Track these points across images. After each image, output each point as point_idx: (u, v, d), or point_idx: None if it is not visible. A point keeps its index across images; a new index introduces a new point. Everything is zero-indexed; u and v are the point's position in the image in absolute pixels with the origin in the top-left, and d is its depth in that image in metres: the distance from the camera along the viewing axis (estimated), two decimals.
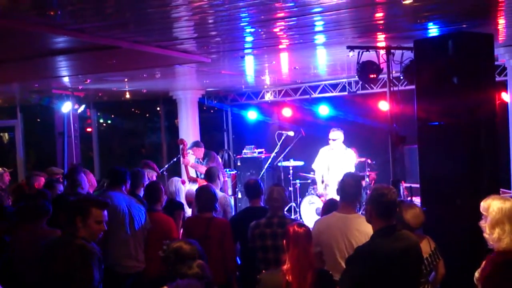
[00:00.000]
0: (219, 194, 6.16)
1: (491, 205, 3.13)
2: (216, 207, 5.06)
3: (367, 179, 9.40)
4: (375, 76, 6.36)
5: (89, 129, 13.75)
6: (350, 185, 4.20)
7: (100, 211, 3.71)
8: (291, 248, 3.53)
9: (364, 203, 8.69)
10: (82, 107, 11.51)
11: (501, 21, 5.97)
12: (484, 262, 3.09)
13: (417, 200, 6.57)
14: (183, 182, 6.51)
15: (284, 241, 3.58)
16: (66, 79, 9.06)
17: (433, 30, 6.15)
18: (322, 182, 8.55)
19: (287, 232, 3.57)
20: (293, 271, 3.48)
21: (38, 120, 13.35)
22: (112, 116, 14.79)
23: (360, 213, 4.43)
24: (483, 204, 3.20)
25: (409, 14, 5.37)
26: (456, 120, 5.24)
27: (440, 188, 5.35)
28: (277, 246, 4.35)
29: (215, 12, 4.89)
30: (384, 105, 9.41)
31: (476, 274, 3.12)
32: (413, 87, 5.93)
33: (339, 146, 8.31)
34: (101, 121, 14.63)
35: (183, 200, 6.41)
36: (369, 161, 9.58)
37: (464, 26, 6.00)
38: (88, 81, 9.21)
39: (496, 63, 7.41)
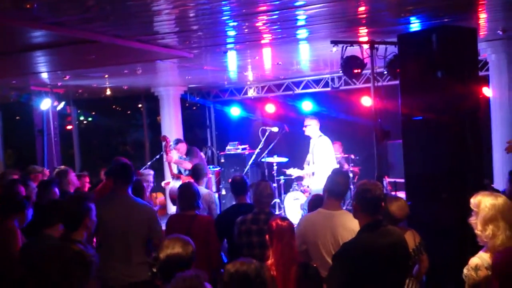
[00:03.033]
0: (204, 191, 6.09)
1: (482, 201, 3.10)
2: (199, 204, 4.98)
3: (350, 174, 9.40)
4: (359, 71, 6.33)
5: (69, 127, 13.55)
6: (338, 182, 4.15)
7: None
8: (275, 242, 3.50)
9: (349, 199, 8.76)
10: (62, 104, 11.34)
11: (483, 15, 5.99)
12: (492, 259, 3.00)
13: (401, 194, 6.56)
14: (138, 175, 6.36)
15: (267, 236, 3.54)
16: (44, 75, 8.89)
17: (417, 25, 6.15)
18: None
19: (270, 227, 3.55)
20: (277, 266, 3.45)
21: (17, 117, 13.12)
22: (93, 113, 14.60)
23: (344, 208, 4.39)
24: (473, 201, 3.17)
25: (392, 8, 5.36)
26: (440, 114, 5.22)
27: (424, 182, 5.33)
28: (263, 242, 4.27)
29: (196, 5, 4.82)
30: (367, 101, 9.43)
31: (465, 271, 3.09)
32: (396, 82, 5.92)
33: (312, 133, 8.19)
34: (82, 118, 14.43)
35: None
36: (352, 156, 9.58)
37: (447, 20, 6.01)
38: (67, 77, 9.03)
39: (478, 57, 7.44)
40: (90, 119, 14.82)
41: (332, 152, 8.16)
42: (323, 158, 7.93)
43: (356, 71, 6.27)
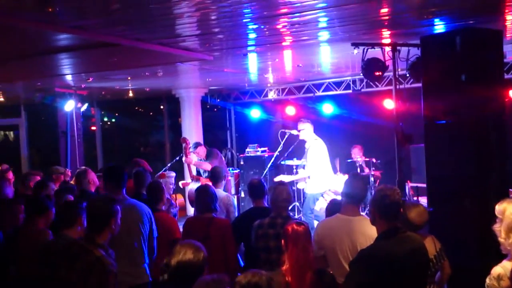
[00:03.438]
0: (222, 193, 6.08)
1: (508, 208, 3.03)
2: (216, 207, 4.97)
3: (372, 179, 9.30)
4: (380, 73, 6.24)
5: (93, 128, 13.71)
6: (356, 187, 4.07)
7: None
8: (290, 247, 3.45)
9: (368, 204, 8.63)
10: (85, 106, 11.48)
11: (509, 17, 5.85)
12: None
13: (423, 200, 6.45)
14: (162, 176, 6.36)
15: (283, 241, 3.49)
16: (69, 77, 9.01)
17: (440, 27, 6.04)
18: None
19: (286, 232, 3.50)
20: (292, 272, 3.40)
21: (42, 118, 13.33)
22: (116, 114, 14.75)
23: (364, 214, 4.32)
24: (498, 208, 3.10)
25: (415, 9, 5.27)
26: (464, 118, 5.11)
27: (447, 188, 5.22)
28: (280, 247, 4.24)
29: (217, 8, 4.81)
30: (389, 103, 9.31)
31: (487, 281, 3.00)
32: (419, 85, 5.82)
33: (307, 137, 8.31)
34: (105, 119, 14.59)
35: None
36: (374, 160, 9.46)
37: (472, 22, 5.89)
38: (91, 79, 9.15)
39: (504, 60, 7.28)
40: (113, 120, 14.98)
41: (326, 155, 8.27)
42: (316, 162, 8.07)
43: (377, 73, 6.19)
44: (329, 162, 8.34)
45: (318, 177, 8.27)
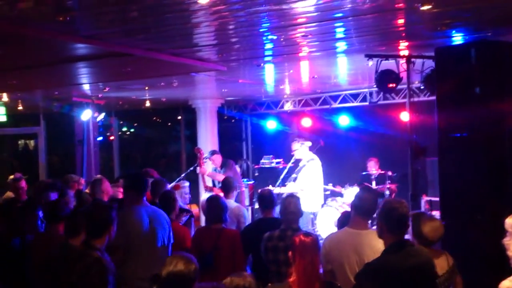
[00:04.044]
0: (233, 204, 6.07)
1: None
2: (226, 218, 4.96)
3: (387, 192, 9.19)
4: (394, 85, 6.19)
5: (112, 137, 13.84)
6: (367, 200, 3.99)
7: None
8: (298, 259, 3.39)
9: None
10: (102, 115, 11.58)
11: None
12: None
13: (437, 213, 6.34)
14: (176, 187, 6.42)
15: (290, 253, 3.44)
16: (86, 87, 9.12)
17: (456, 38, 5.97)
18: None
19: (293, 243, 3.43)
20: (299, 284, 3.34)
21: (60, 127, 13.50)
22: (134, 124, 14.87)
23: (373, 228, 4.26)
24: (508, 221, 3.05)
25: (429, 21, 5.22)
26: (478, 131, 5.04)
27: (460, 202, 5.14)
28: (290, 260, 4.21)
29: (234, 18, 4.83)
30: (406, 116, 9.20)
31: None
32: (435, 97, 5.75)
33: (302, 156, 8.56)
34: (124, 129, 14.72)
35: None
36: (390, 173, 9.36)
37: (489, 34, 5.81)
38: (107, 89, 9.24)
39: None
40: (131, 130, 15.10)
41: (321, 175, 8.62)
42: (309, 180, 8.38)
43: (390, 85, 6.15)
44: (322, 182, 8.70)
45: (310, 195, 8.42)
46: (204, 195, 8.10)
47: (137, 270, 4.40)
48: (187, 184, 8.96)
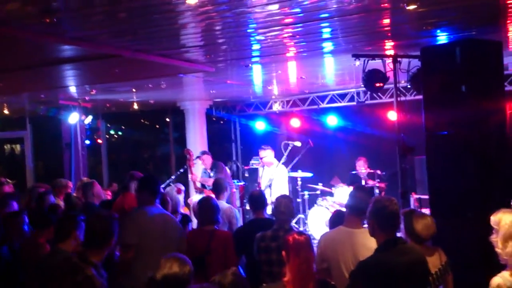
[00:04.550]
0: (225, 205, 6.07)
1: (503, 219, 3.03)
2: (218, 219, 4.96)
3: (376, 191, 9.25)
4: (381, 85, 6.25)
5: (99, 141, 13.75)
6: (360, 199, 4.03)
7: None
8: (292, 257, 3.39)
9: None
10: (89, 118, 11.51)
11: (511, 28, 5.84)
12: None
13: (426, 211, 6.40)
14: (179, 191, 6.40)
15: (284, 252, 3.45)
16: (72, 89, 9.06)
17: (441, 38, 6.05)
18: None
19: (286, 242, 3.44)
20: (294, 282, 3.35)
21: (47, 131, 13.38)
22: (122, 127, 14.79)
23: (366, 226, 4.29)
24: (494, 218, 3.10)
25: (414, 20, 5.28)
26: (464, 129, 5.09)
27: (449, 199, 5.18)
28: (282, 260, 4.21)
29: (221, 18, 4.85)
30: (393, 115, 9.27)
31: None
32: (421, 96, 5.80)
33: (270, 162, 8.91)
34: (112, 132, 14.63)
35: (181, 209, 6.33)
36: (378, 172, 9.42)
37: (473, 33, 5.88)
38: (94, 91, 9.18)
39: (506, 72, 7.25)
40: (119, 133, 15.02)
41: (287, 180, 9.04)
42: (282, 187, 8.67)
43: (377, 85, 6.20)
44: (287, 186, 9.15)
45: None
46: (194, 197, 8.09)
47: (147, 270, 4.37)
48: (183, 188, 8.96)
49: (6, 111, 11.10)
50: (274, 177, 8.66)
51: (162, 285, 2.87)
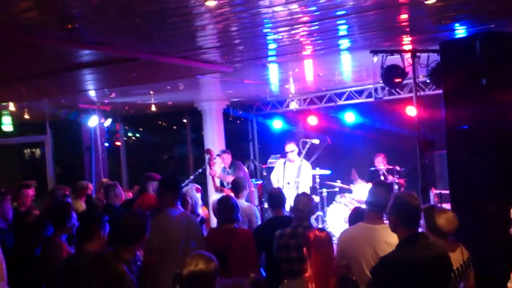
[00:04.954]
0: (244, 204, 6.10)
1: None
2: (238, 217, 4.98)
3: (396, 186, 9.19)
4: (400, 80, 6.21)
5: (118, 143, 13.88)
6: (380, 194, 4.02)
7: None
8: (313, 254, 3.42)
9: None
10: (109, 121, 11.62)
11: None
12: None
13: (447, 206, 6.35)
14: (198, 190, 6.44)
15: (305, 248, 3.47)
16: (92, 93, 9.16)
17: (460, 31, 5.98)
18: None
19: (308, 239, 3.47)
20: (316, 278, 3.36)
21: (67, 135, 13.55)
22: (140, 129, 14.91)
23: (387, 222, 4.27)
24: None
25: (433, 14, 5.23)
26: (485, 123, 5.04)
27: (470, 194, 5.14)
28: (302, 257, 4.21)
29: (237, 19, 4.86)
30: (412, 111, 9.21)
31: (509, 285, 2.94)
32: (441, 91, 5.75)
33: (296, 157, 8.79)
34: (130, 134, 14.76)
35: (199, 209, 6.35)
36: (398, 168, 9.36)
37: (492, 26, 5.80)
38: (113, 94, 9.28)
39: None
40: (137, 135, 15.14)
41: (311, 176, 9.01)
42: (308, 182, 8.69)
43: (397, 80, 6.16)
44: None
45: None
46: (214, 196, 8.12)
47: (171, 271, 4.42)
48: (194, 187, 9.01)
49: (26, 116, 11.27)
50: (301, 172, 8.63)
51: (188, 282, 2.91)
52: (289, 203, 7.78)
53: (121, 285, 3.28)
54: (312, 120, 11.39)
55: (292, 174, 8.72)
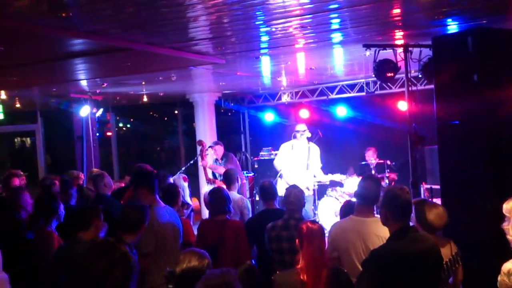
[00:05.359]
0: (236, 196, 6.11)
1: None
2: (229, 209, 4.99)
3: (386, 181, 9.25)
4: (392, 74, 6.23)
5: (109, 133, 13.84)
6: (369, 188, 4.07)
7: None
8: (305, 246, 3.47)
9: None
10: (100, 111, 11.57)
11: None
12: None
13: (437, 201, 6.40)
14: (185, 179, 6.45)
15: (297, 240, 3.50)
16: (83, 83, 9.11)
17: (452, 27, 6.01)
18: (281, 177, 8.75)
19: (300, 231, 3.52)
20: (308, 270, 3.41)
21: (58, 124, 13.49)
22: (131, 119, 14.87)
23: (377, 215, 4.32)
24: (506, 206, 3.11)
25: (426, 9, 5.25)
26: (477, 119, 5.07)
27: (460, 189, 5.18)
28: (293, 248, 4.25)
29: (230, 10, 4.84)
30: (403, 105, 9.26)
31: (499, 278, 2.99)
32: (433, 86, 5.79)
33: (305, 138, 8.76)
34: (121, 125, 14.72)
35: (188, 197, 6.38)
36: (388, 162, 9.42)
37: (484, 22, 5.84)
38: (105, 84, 9.23)
39: None
40: (128, 125, 15.10)
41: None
42: (318, 162, 8.75)
43: (389, 74, 6.19)
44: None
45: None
46: (205, 188, 8.14)
47: (161, 270, 4.43)
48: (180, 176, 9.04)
49: (17, 105, 11.19)
50: (310, 153, 8.68)
51: (182, 279, 2.91)
52: (304, 185, 7.84)
53: (127, 263, 3.29)
54: (304, 114, 11.41)
55: (303, 157, 8.67)
